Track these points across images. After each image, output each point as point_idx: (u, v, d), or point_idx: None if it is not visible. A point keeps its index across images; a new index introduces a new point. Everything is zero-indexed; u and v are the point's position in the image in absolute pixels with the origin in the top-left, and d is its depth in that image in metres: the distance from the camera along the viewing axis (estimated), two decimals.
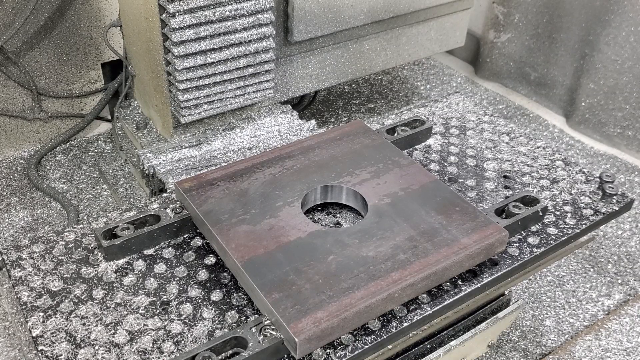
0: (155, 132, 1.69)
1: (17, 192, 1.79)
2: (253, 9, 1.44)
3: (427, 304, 1.02)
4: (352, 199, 1.20)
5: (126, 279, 1.05)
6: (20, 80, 1.77)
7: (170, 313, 1.00)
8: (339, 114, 2.29)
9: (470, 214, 1.11)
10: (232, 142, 1.61)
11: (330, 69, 1.86)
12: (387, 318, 0.99)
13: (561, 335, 1.52)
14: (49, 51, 1.79)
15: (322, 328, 0.89)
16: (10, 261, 1.08)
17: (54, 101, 1.88)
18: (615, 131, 2.22)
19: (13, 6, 1.65)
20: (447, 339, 1.12)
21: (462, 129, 1.49)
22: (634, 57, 2.09)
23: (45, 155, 1.91)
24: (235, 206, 1.11)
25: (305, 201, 1.16)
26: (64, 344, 0.94)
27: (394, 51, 1.98)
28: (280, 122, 1.70)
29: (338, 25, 1.72)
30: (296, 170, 1.21)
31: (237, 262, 0.99)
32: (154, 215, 1.13)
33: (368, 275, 0.98)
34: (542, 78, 2.43)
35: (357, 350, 0.95)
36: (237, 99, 1.60)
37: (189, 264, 1.09)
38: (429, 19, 1.99)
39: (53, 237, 1.13)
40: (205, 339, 0.96)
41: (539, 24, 2.38)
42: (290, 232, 1.06)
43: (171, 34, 1.37)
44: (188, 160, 1.53)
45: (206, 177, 1.19)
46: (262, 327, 0.92)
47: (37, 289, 1.03)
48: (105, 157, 1.92)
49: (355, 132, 1.34)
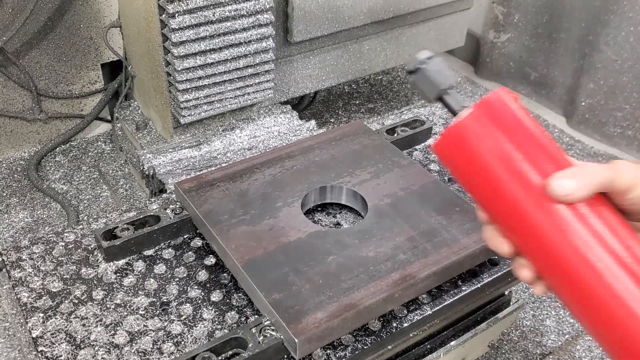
0: (155, 132, 1.69)
1: (17, 193, 1.79)
2: (253, 10, 1.44)
3: (427, 304, 1.02)
4: (352, 199, 1.20)
5: (126, 279, 1.05)
6: (20, 81, 1.77)
7: (170, 314, 1.00)
8: (338, 114, 2.29)
9: (470, 214, 1.11)
10: (232, 143, 1.61)
11: (330, 69, 1.86)
12: (387, 318, 0.99)
13: (561, 336, 1.52)
14: (48, 52, 1.78)
15: (322, 329, 0.89)
16: (10, 262, 1.08)
17: (54, 102, 1.87)
18: (616, 131, 2.21)
19: (12, 7, 1.65)
20: (447, 339, 1.11)
21: None
22: (634, 57, 2.09)
23: (45, 156, 1.90)
24: (235, 207, 1.11)
25: (305, 201, 1.16)
26: (64, 344, 0.94)
27: (394, 51, 1.98)
28: (280, 122, 1.70)
29: (338, 26, 1.72)
30: (296, 171, 1.21)
31: (236, 263, 0.99)
32: (153, 215, 1.13)
33: (368, 275, 0.98)
34: (542, 78, 2.43)
35: (357, 350, 0.95)
36: (237, 100, 1.60)
37: (188, 265, 1.09)
38: (428, 19, 1.99)
39: (53, 237, 1.13)
40: (205, 339, 0.96)
41: (539, 24, 2.37)
42: (290, 232, 1.06)
43: (171, 34, 1.37)
44: (188, 161, 1.53)
45: (206, 177, 1.19)
46: (262, 327, 0.92)
47: (37, 290, 1.03)
48: (105, 158, 1.92)
49: (355, 133, 1.34)
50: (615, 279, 0.60)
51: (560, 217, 0.61)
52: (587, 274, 0.61)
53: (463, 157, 0.66)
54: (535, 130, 0.64)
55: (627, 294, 0.59)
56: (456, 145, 0.66)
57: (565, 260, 0.62)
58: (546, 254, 0.63)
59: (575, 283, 0.62)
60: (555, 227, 0.62)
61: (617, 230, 0.61)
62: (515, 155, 0.63)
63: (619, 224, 0.62)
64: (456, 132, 0.65)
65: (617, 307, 0.60)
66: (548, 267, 0.64)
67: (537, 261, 0.65)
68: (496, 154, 0.63)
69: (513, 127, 0.64)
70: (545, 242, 0.63)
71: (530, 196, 0.62)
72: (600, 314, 0.61)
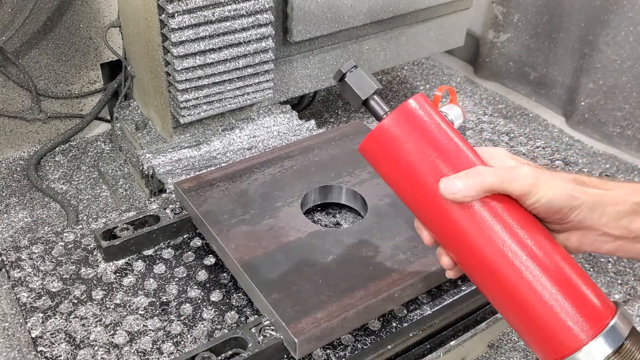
0: (154, 132, 1.69)
1: (17, 193, 1.79)
2: (252, 9, 1.44)
3: (427, 304, 1.02)
4: (351, 199, 1.19)
5: (125, 279, 1.05)
6: (19, 80, 1.77)
7: (170, 314, 1.00)
8: (338, 114, 2.29)
9: None
10: (232, 143, 1.61)
11: (329, 69, 1.86)
12: (387, 318, 0.99)
13: None
14: (48, 52, 1.78)
15: (321, 328, 0.89)
16: (10, 262, 1.08)
17: (53, 102, 1.87)
18: (615, 131, 2.21)
19: (12, 7, 1.65)
20: (446, 339, 1.11)
21: (461, 128, 1.49)
22: (634, 57, 2.09)
23: (44, 155, 1.90)
24: (234, 206, 1.11)
25: (304, 201, 1.16)
26: (64, 344, 0.94)
27: (394, 51, 1.98)
28: (279, 122, 1.70)
29: (337, 26, 1.72)
30: (296, 171, 1.21)
31: (236, 263, 0.99)
32: (153, 215, 1.13)
33: (368, 275, 0.98)
34: (542, 78, 2.43)
35: (356, 350, 0.95)
36: (237, 99, 1.60)
37: (188, 265, 1.09)
38: (428, 19, 1.99)
39: (52, 237, 1.13)
40: (204, 339, 0.96)
41: (539, 24, 2.37)
42: (290, 232, 1.06)
43: (170, 34, 1.37)
44: (187, 161, 1.53)
45: (205, 177, 1.19)
46: (262, 327, 0.92)
47: (36, 290, 1.03)
48: (105, 158, 1.92)
49: (354, 132, 1.34)
50: (497, 263, 0.69)
51: (451, 213, 0.70)
52: (476, 260, 0.70)
53: (383, 156, 0.74)
54: (449, 132, 0.72)
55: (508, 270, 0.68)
56: (378, 146, 0.74)
57: (461, 248, 0.71)
58: (450, 244, 0.73)
59: (472, 268, 0.72)
60: (449, 222, 0.70)
61: (508, 224, 0.69)
62: (425, 155, 0.71)
63: (514, 219, 0.69)
64: (377, 134, 0.73)
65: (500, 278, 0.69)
66: (455, 254, 0.73)
67: (447, 249, 0.74)
68: (410, 154, 0.71)
69: (427, 130, 0.71)
70: (446, 234, 0.72)
71: (432, 194, 0.70)
72: (493, 290, 0.71)
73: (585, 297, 0.68)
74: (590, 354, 0.66)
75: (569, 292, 0.67)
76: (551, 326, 0.67)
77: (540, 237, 0.69)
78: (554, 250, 0.69)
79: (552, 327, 0.67)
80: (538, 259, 0.68)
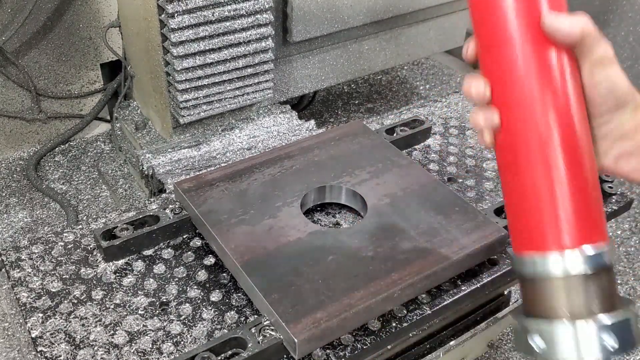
0: (154, 132, 1.69)
1: (16, 193, 1.79)
2: (252, 9, 1.44)
3: (426, 304, 1.02)
4: (351, 199, 1.19)
5: (125, 279, 1.05)
6: (19, 80, 1.77)
7: (170, 314, 1.00)
8: (338, 114, 2.29)
9: (469, 213, 1.11)
10: (231, 143, 1.61)
11: (329, 69, 1.86)
12: (386, 318, 0.99)
13: None
14: (47, 52, 1.78)
15: (321, 328, 0.89)
16: (10, 262, 1.08)
17: (53, 102, 1.87)
18: None
19: (12, 6, 1.65)
20: (446, 339, 1.12)
21: (461, 128, 1.49)
22: (633, 57, 2.09)
23: (44, 155, 1.90)
24: (234, 206, 1.11)
25: (304, 201, 1.16)
26: (63, 344, 0.94)
27: (393, 51, 1.98)
28: (279, 122, 1.70)
29: (337, 26, 1.72)
30: (295, 171, 1.21)
31: (236, 263, 0.99)
32: (153, 215, 1.13)
33: (367, 275, 0.98)
34: None
35: (356, 350, 0.95)
36: (236, 100, 1.60)
37: (188, 265, 1.09)
38: (428, 19, 1.99)
39: (52, 237, 1.13)
40: (204, 339, 0.96)
41: None
42: (290, 232, 1.06)
43: (170, 34, 1.37)
44: (187, 161, 1.53)
45: (205, 177, 1.19)
46: (262, 327, 0.92)
47: (36, 290, 1.03)
48: (105, 158, 1.92)
49: (354, 132, 1.34)
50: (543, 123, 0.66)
51: (543, 50, 0.66)
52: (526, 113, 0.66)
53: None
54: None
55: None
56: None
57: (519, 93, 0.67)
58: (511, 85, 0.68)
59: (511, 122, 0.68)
60: (527, 59, 0.66)
61: (579, 100, 0.67)
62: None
63: (575, 86, 0.67)
64: None
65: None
66: (505, 101, 0.68)
67: (499, 93, 0.69)
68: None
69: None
70: (516, 75, 0.67)
71: (527, 25, 0.66)
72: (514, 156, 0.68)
73: (589, 210, 0.66)
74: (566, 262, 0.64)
75: (580, 198, 0.65)
76: (544, 215, 0.65)
77: (587, 133, 0.68)
78: (589, 156, 0.67)
79: (545, 216, 0.65)
80: (578, 151, 0.65)
